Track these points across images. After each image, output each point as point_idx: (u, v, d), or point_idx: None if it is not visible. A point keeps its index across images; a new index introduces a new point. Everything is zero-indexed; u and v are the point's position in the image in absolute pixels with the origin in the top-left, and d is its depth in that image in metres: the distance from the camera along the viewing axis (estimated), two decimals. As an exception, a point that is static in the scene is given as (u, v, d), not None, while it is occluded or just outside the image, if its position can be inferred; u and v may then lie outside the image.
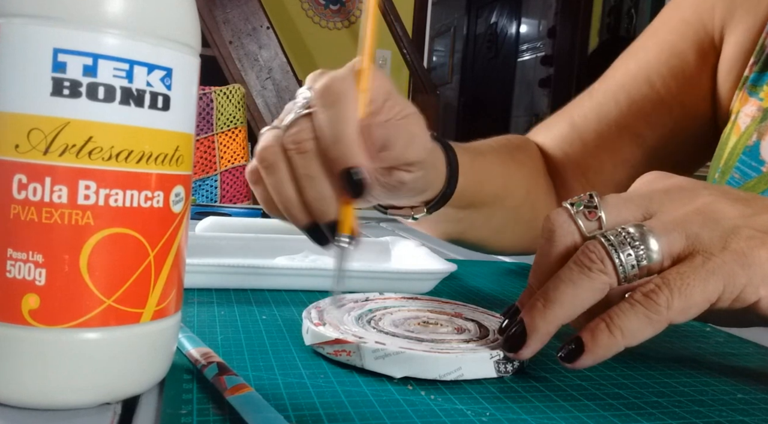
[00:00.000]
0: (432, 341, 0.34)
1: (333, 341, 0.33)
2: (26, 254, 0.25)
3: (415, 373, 0.31)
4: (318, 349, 0.35)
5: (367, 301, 0.42)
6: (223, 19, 2.95)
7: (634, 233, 0.31)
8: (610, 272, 0.31)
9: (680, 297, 0.29)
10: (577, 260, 0.31)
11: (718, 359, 0.38)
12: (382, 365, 0.32)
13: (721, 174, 0.58)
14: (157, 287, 0.28)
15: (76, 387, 0.26)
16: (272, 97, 3.03)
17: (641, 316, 0.30)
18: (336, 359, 0.33)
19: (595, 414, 0.29)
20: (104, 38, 0.25)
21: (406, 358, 0.31)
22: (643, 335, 0.30)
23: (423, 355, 0.31)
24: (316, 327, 0.35)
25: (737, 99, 0.58)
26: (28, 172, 0.25)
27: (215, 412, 0.27)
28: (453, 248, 0.82)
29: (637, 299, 0.30)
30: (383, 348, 0.32)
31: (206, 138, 1.74)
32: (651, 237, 0.31)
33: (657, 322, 0.30)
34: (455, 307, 0.42)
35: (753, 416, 0.30)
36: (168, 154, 0.27)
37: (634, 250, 0.30)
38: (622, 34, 3.97)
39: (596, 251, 0.31)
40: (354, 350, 0.32)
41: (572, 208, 0.33)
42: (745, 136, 0.56)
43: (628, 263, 0.30)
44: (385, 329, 0.36)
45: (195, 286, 0.47)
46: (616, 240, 0.31)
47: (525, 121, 5.09)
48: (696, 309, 0.30)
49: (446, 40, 6.16)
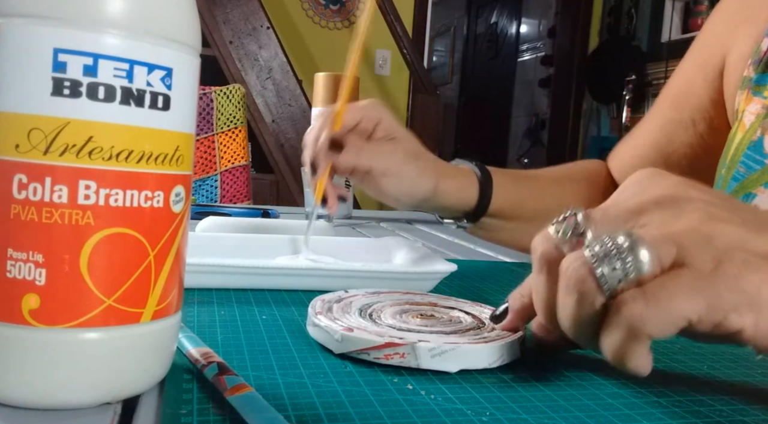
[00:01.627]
0: (457, 333, 0.35)
1: (384, 344, 0.32)
2: (26, 253, 0.25)
3: (469, 365, 0.33)
4: (359, 355, 0.33)
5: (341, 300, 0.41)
6: (223, 18, 2.95)
7: (622, 244, 0.28)
8: (592, 291, 0.29)
9: (657, 310, 0.27)
10: (562, 284, 0.30)
11: (717, 358, 0.38)
12: (439, 362, 0.32)
13: (728, 169, 0.60)
14: (157, 287, 0.28)
15: (76, 387, 0.26)
16: (272, 97, 3.03)
17: (614, 328, 0.28)
18: (385, 362, 0.33)
19: (595, 414, 0.29)
20: (104, 38, 0.25)
21: (461, 352, 0.32)
22: (622, 348, 0.28)
23: (475, 347, 0.33)
24: (351, 333, 0.33)
25: (741, 99, 0.61)
26: (28, 172, 0.25)
27: (215, 412, 0.27)
28: (453, 248, 0.82)
29: (612, 312, 0.28)
30: (439, 346, 0.32)
31: (206, 138, 1.74)
32: (641, 248, 0.28)
33: (632, 335, 0.27)
34: (424, 297, 0.44)
35: (753, 416, 0.30)
36: (168, 154, 0.27)
37: (622, 262, 0.28)
38: (622, 34, 3.97)
39: (576, 270, 0.29)
40: (409, 352, 0.32)
41: (557, 235, 0.31)
42: (750, 132, 0.58)
43: (614, 276, 0.28)
44: (398, 326, 0.36)
45: (195, 286, 0.47)
46: (602, 251, 0.29)
47: (525, 121, 5.09)
48: (673, 326, 0.27)
49: (446, 40, 6.16)
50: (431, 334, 0.35)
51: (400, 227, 1.05)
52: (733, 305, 0.28)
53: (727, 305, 0.27)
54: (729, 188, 0.59)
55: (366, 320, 0.37)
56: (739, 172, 0.59)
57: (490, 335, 0.35)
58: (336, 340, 0.34)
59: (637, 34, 3.87)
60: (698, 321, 0.27)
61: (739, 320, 0.28)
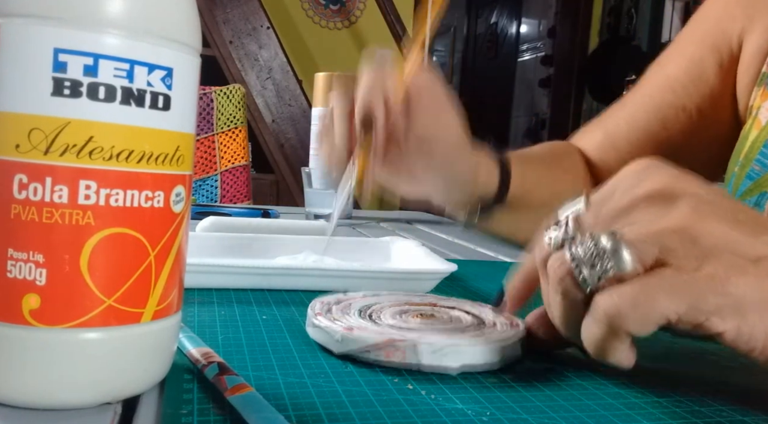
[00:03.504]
0: (458, 331, 0.35)
1: (385, 342, 0.32)
2: (27, 253, 0.25)
3: (471, 362, 0.33)
4: (360, 355, 0.33)
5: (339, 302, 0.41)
6: (223, 18, 2.95)
7: (605, 246, 0.28)
8: (571, 290, 0.29)
9: (635, 308, 0.27)
10: (549, 283, 0.31)
11: (718, 358, 0.38)
12: (440, 360, 0.32)
13: (741, 167, 0.59)
14: (157, 287, 0.28)
15: (76, 387, 0.26)
16: (272, 97, 3.03)
17: (593, 324, 0.28)
18: (386, 361, 0.32)
19: (595, 414, 0.29)
20: (105, 38, 0.25)
21: (462, 351, 0.32)
22: (602, 343, 0.28)
23: (476, 346, 0.33)
24: (352, 333, 0.33)
25: (757, 95, 0.60)
26: (28, 172, 0.25)
27: (216, 412, 0.27)
28: (453, 248, 0.82)
29: (592, 307, 0.28)
30: (441, 344, 0.32)
31: (206, 138, 1.74)
32: (623, 249, 0.28)
33: (611, 331, 0.28)
34: (423, 297, 0.43)
35: (753, 416, 0.30)
36: (168, 154, 0.27)
37: (602, 263, 0.28)
38: (622, 34, 3.97)
39: (556, 271, 0.30)
40: (410, 349, 0.32)
41: (551, 246, 0.31)
42: (766, 129, 0.57)
43: (594, 275, 0.28)
44: (398, 325, 0.36)
45: (195, 286, 0.47)
46: (583, 252, 0.29)
47: (525, 121, 5.09)
48: (651, 324, 0.27)
49: (446, 40, 6.16)
50: (432, 333, 0.35)
51: (400, 226, 1.05)
52: (715, 307, 0.27)
53: (709, 307, 0.27)
54: (743, 187, 0.58)
55: (366, 320, 0.37)
56: (754, 170, 0.57)
57: (492, 334, 0.35)
58: (336, 340, 0.34)
59: (637, 34, 3.88)
60: (678, 321, 0.27)
61: (721, 323, 0.27)
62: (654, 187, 0.30)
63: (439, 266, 0.52)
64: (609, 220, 0.30)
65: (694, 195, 0.29)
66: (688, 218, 0.28)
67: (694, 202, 0.29)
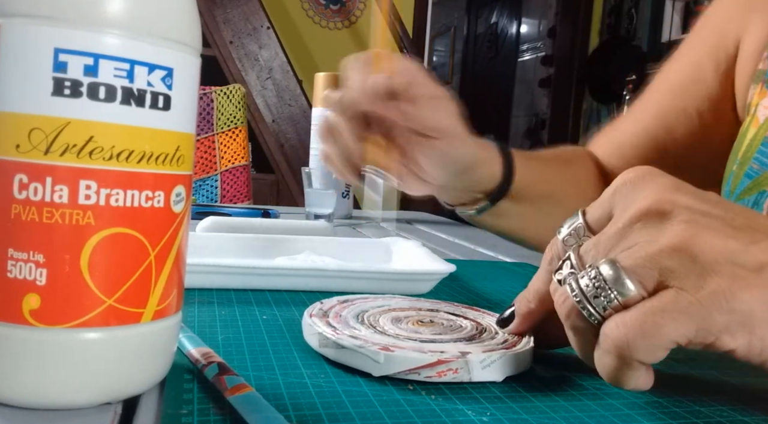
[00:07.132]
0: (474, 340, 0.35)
1: (435, 362, 0.31)
2: (27, 254, 0.25)
3: (514, 372, 0.33)
4: (407, 376, 0.31)
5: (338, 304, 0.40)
6: (223, 19, 2.95)
7: (607, 276, 0.28)
8: (579, 325, 0.29)
9: (643, 337, 0.27)
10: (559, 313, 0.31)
11: (717, 357, 0.38)
12: (489, 373, 0.32)
13: (739, 166, 0.59)
14: (157, 287, 0.28)
15: (76, 387, 0.26)
16: (272, 97, 3.03)
17: (604, 354, 0.28)
18: (437, 380, 0.31)
19: (596, 414, 0.29)
20: (105, 38, 0.25)
21: (507, 360, 0.32)
22: (615, 372, 0.28)
23: (517, 354, 0.33)
24: (394, 352, 0.31)
25: (755, 93, 0.60)
26: (28, 172, 0.25)
27: (216, 412, 0.27)
28: (453, 248, 0.82)
29: (600, 339, 0.28)
30: (489, 356, 0.32)
31: (206, 138, 1.74)
32: (625, 276, 0.28)
33: (622, 361, 0.27)
34: (414, 302, 0.43)
35: (753, 416, 0.30)
36: (169, 154, 0.27)
37: (605, 293, 0.28)
38: (622, 34, 3.97)
39: (563, 307, 0.30)
40: (462, 366, 0.31)
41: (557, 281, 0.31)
42: (764, 127, 0.57)
43: (599, 306, 0.28)
44: (404, 334, 0.35)
45: (195, 286, 0.47)
46: (587, 286, 0.29)
47: (525, 121, 5.08)
48: (662, 350, 0.27)
49: (446, 40, 6.16)
50: (469, 345, 0.34)
51: (400, 227, 1.05)
52: (724, 326, 0.26)
53: (718, 326, 0.26)
54: (741, 185, 0.58)
55: (379, 333, 0.35)
56: (752, 168, 0.57)
57: (512, 339, 0.36)
58: (376, 361, 0.31)
59: (637, 34, 3.87)
60: (688, 343, 0.27)
61: (731, 340, 0.27)
62: (646, 205, 0.29)
63: (439, 267, 0.52)
64: (609, 246, 0.30)
65: (687, 208, 0.28)
66: (683, 234, 0.27)
67: (686, 215, 0.28)
